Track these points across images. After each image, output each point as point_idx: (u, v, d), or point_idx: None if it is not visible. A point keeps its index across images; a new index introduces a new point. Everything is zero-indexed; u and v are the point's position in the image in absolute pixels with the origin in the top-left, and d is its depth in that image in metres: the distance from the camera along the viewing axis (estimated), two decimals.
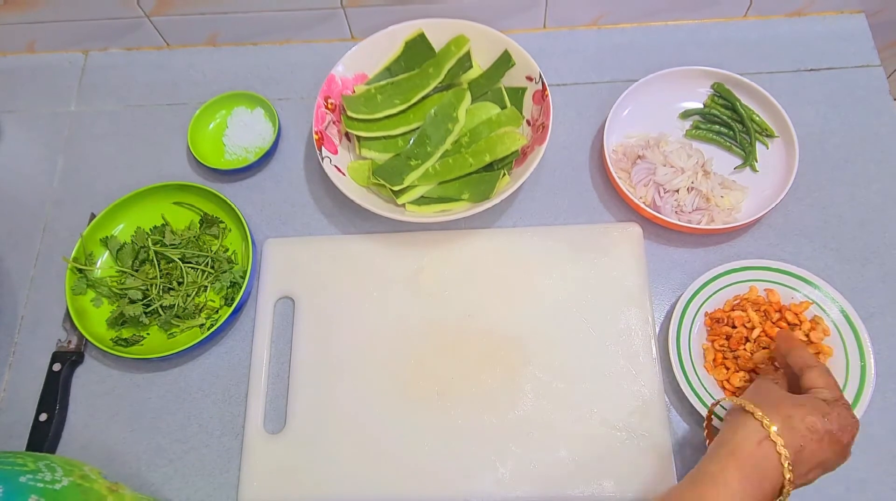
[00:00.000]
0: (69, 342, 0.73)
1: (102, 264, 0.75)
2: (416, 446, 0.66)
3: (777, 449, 0.50)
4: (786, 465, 0.50)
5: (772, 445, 0.50)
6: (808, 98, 0.80)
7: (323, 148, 0.74)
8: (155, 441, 0.69)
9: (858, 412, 0.62)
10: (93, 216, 0.78)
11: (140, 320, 0.71)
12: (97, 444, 0.70)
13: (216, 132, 0.82)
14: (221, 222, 0.76)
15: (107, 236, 0.75)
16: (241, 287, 0.71)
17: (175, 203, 0.77)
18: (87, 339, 0.69)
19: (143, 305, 0.71)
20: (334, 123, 0.78)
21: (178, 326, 0.71)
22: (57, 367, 0.71)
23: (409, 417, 0.67)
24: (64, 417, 0.71)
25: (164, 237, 0.74)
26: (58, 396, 0.70)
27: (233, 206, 0.73)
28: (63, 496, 0.52)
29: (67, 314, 0.72)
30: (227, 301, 0.72)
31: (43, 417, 0.69)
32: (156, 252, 0.73)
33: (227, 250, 0.75)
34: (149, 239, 0.73)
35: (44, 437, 0.68)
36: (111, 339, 0.71)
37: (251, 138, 0.80)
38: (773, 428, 0.51)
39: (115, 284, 0.73)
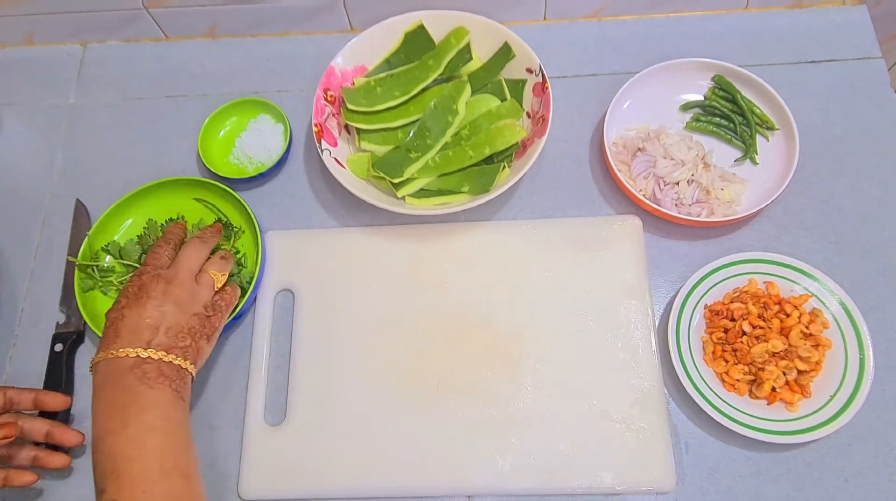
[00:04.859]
0: (68, 322, 0.73)
1: (110, 259, 0.74)
2: (416, 438, 0.66)
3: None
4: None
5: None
6: (808, 90, 0.80)
7: (322, 140, 0.74)
8: None
9: (857, 404, 0.62)
10: (79, 204, 0.78)
11: None
12: None
13: (232, 132, 0.81)
14: (236, 227, 0.74)
15: (108, 244, 0.74)
16: (245, 292, 0.70)
17: (196, 199, 0.76)
18: (86, 322, 0.69)
19: None
20: (334, 115, 0.78)
21: None
22: (59, 347, 0.71)
23: (409, 409, 0.67)
24: (71, 395, 0.70)
25: None
26: (62, 375, 0.70)
27: (246, 207, 0.72)
28: None
29: (64, 296, 0.73)
30: None
31: None
32: None
33: (237, 251, 0.74)
34: (148, 243, 0.72)
35: (52, 416, 0.68)
36: None
37: (259, 153, 0.79)
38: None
39: (122, 281, 0.72)
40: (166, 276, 0.60)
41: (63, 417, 0.69)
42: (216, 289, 0.63)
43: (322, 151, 0.73)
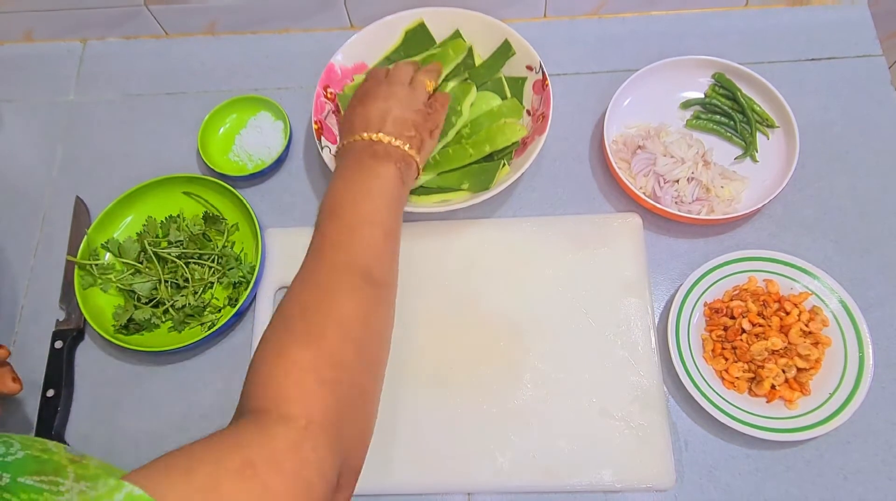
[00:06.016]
0: (68, 319, 0.73)
1: (109, 257, 0.74)
2: (415, 435, 0.66)
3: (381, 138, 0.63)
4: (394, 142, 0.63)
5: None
6: (809, 88, 0.80)
7: (322, 138, 0.74)
8: (156, 427, 0.70)
9: (856, 402, 0.63)
10: (78, 201, 0.78)
11: (152, 321, 0.71)
12: (103, 428, 0.70)
13: (232, 129, 0.81)
14: (224, 218, 0.75)
15: (107, 241, 0.74)
16: (246, 286, 0.70)
17: (185, 193, 0.76)
18: (86, 319, 0.70)
19: (153, 306, 0.71)
20: (334, 112, 0.78)
21: (189, 323, 0.71)
22: (59, 344, 0.72)
23: (408, 406, 0.67)
24: (71, 392, 0.71)
25: (173, 228, 0.73)
26: (62, 372, 0.70)
27: (246, 204, 0.72)
28: (15, 467, 0.51)
29: (64, 293, 0.73)
30: (231, 302, 0.72)
31: (50, 393, 0.70)
32: (154, 253, 0.72)
33: (232, 244, 0.74)
34: (146, 241, 0.72)
35: (53, 412, 0.69)
36: (112, 325, 0.71)
37: (259, 150, 0.79)
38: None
39: (120, 279, 0.72)
40: (386, 82, 0.69)
41: (63, 411, 0.70)
42: (429, 93, 0.70)
43: (322, 148, 0.73)
